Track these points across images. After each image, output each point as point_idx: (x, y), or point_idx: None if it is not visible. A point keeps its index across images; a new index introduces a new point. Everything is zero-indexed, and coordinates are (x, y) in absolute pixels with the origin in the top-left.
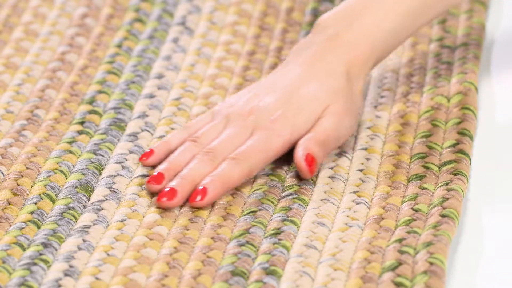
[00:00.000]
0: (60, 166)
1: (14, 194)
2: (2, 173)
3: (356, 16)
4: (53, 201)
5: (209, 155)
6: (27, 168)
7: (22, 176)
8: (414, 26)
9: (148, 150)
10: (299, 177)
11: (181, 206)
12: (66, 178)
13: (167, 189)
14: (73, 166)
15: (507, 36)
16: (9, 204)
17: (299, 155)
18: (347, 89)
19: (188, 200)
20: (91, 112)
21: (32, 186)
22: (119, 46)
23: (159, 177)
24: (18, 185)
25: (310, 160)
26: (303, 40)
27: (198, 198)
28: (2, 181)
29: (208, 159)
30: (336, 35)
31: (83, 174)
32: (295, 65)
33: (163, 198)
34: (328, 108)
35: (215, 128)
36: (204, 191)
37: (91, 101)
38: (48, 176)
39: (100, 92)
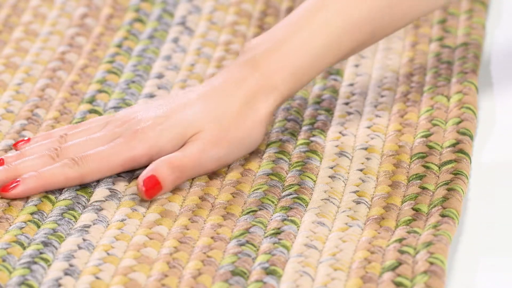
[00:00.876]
0: None
1: None
2: None
3: (280, 42)
4: (52, 203)
5: (53, 153)
6: None
7: None
8: (340, 51)
9: (26, 138)
10: (299, 176)
11: (181, 205)
12: None
13: None
14: None
15: (507, 36)
16: (9, 205)
17: (143, 173)
18: (235, 118)
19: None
20: (91, 111)
21: None
22: (119, 46)
23: None
24: None
25: (153, 182)
26: (230, 61)
27: (9, 188)
28: None
29: (49, 156)
30: (254, 60)
31: None
32: (204, 85)
33: None
34: (198, 134)
35: (90, 130)
36: (16, 184)
37: (91, 101)
38: None
39: (100, 91)
